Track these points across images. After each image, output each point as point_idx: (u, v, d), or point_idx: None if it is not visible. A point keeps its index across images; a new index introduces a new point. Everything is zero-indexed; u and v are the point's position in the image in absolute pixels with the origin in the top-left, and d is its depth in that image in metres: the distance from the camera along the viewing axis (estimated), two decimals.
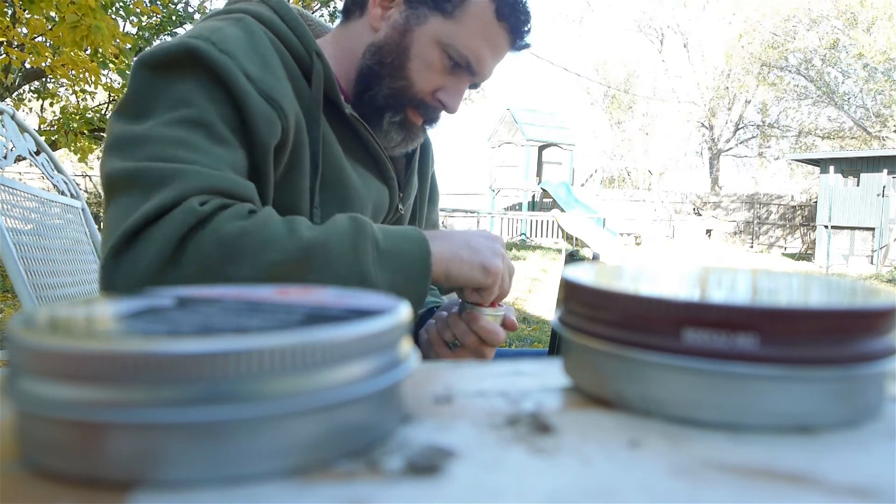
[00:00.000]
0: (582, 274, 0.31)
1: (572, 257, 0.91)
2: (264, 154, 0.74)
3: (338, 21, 0.96)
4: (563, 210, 13.95)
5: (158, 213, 0.61)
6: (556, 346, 0.87)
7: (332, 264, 0.63)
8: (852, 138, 22.90)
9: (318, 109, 0.80)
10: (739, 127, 26.98)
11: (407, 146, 0.94)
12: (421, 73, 0.87)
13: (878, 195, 12.79)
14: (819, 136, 24.16)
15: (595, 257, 1.03)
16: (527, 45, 0.92)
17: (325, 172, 0.82)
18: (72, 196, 1.53)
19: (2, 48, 5.00)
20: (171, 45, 0.71)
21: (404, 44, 0.86)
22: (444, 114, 0.93)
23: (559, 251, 11.58)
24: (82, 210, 1.55)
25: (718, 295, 0.28)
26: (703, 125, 26.92)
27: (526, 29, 0.89)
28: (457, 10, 0.84)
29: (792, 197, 18.94)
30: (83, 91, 6.53)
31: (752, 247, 17.65)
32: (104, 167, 0.68)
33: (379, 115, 0.89)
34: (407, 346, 0.25)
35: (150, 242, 0.61)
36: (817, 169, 15.35)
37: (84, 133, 6.99)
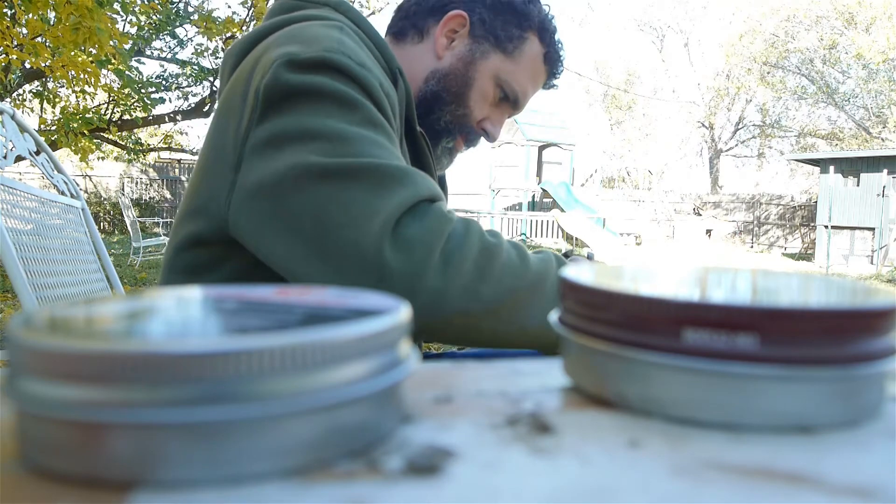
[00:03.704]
0: (582, 274, 0.31)
1: (567, 257, 0.91)
2: None
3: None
4: (563, 210, 13.95)
5: (406, 211, 0.62)
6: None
7: (548, 295, 0.68)
8: (853, 138, 22.89)
9: (401, 126, 0.83)
10: (739, 127, 26.99)
11: (446, 169, 1.02)
12: (477, 103, 0.94)
13: (878, 195, 12.78)
14: (819, 137, 24.15)
15: (590, 257, 1.03)
16: (554, 86, 1.01)
17: None
18: (72, 196, 1.53)
19: (1, 48, 5.00)
20: (311, 56, 0.69)
21: (469, 75, 0.92)
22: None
23: (559, 251, 11.56)
24: (82, 210, 1.55)
25: (718, 295, 0.28)
26: (702, 125, 26.92)
27: (559, 72, 0.98)
28: (516, 51, 0.93)
29: (792, 197, 18.94)
30: (83, 92, 6.55)
31: (752, 247, 17.65)
32: (289, 159, 0.64)
33: (436, 139, 0.94)
34: (407, 346, 0.25)
35: (427, 231, 0.62)
36: (817, 169, 15.34)
37: (84, 133, 7.00)
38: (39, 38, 4.89)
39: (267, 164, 0.66)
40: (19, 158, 1.34)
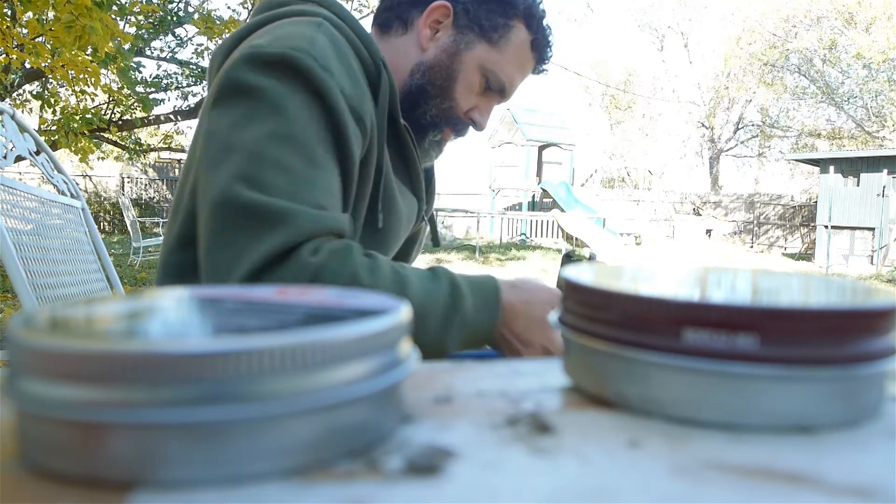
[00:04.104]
0: (582, 274, 0.31)
1: (569, 258, 0.91)
2: (354, 171, 0.76)
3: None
4: (563, 210, 13.94)
5: (270, 260, 0.65)
6: None
7: (426, 333, 0.68)
8: (852, 138, 22.89)
9: (384, 119, 0.83)
10: (739, 127, 26.98)
11: (435, 160, 1.00)
12: (463, 94, 0.92)
13: (878, 195, 12.78)
14: (819, 137, 24.15)
15: (592, 257, 1.02)
16: (545, 71, 0.99)
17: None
18: (72, 196, 1.53)
19: (1, 49, 5.00)
20: (275, 52, 0.71)
21: (453, 67, 0.90)
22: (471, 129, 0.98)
23: (559, 251, 11.57)
24: (82, 210, 1.55)
25: (718, 295, 0.28)
26: (702, 125, 26.92)
27: (549, 57, 0.96)
28: (501, 40, 0.90)
29: (792, 197, 18.93)
30: (83, 92, 6.54)
31: (751, 247, 17.65)
32: (215, 177, 0.68)
33: (423, 133, 0.93)
34: (407, 346, 0.25)
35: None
36: (817, 169, 15.34)
37: (84, 133, 6.99)
38: (39, 39, 4.89)
39: (203, 172, 0.71)
40: (19, 158, 1.34)
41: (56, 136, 6.74)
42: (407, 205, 0.92)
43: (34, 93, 7.75)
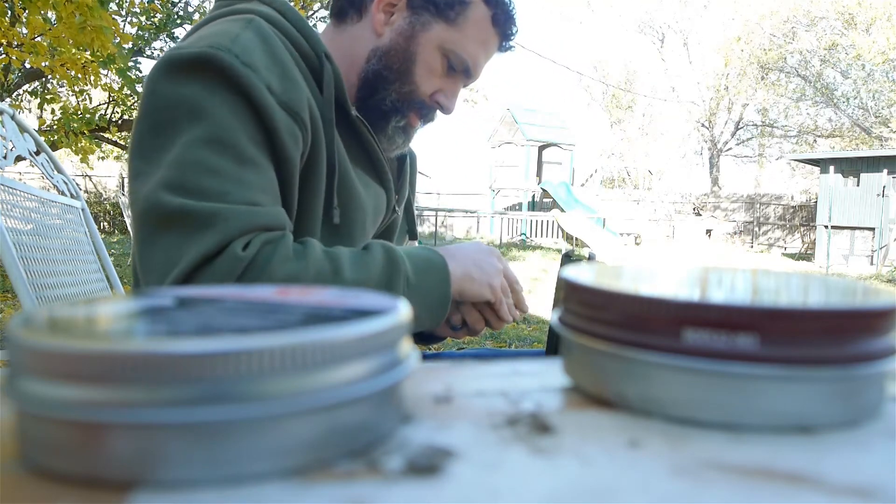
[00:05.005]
0: (582, 274, 0.31)
1: (568, 258, 0.91)
2: (292, 167, 0.75)
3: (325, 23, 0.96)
4: (563, 210, 13.95)
5: (203, 261, 0.64)
6: (553, 346, 0.87)
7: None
8: (852, 136, 22.88)
9: (330, 111, 0.81)
10: (739, 127, 26.98)
11: (405, 148, 0.97)
12: (424, 77, 0.89)
13: (878, 195, 12.77)
14: (820, 136, 24.15)
15: (591, 257, 1.02)
16: (512, 48, 0.96)
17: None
18: (72, 196, 1.53)
19: (1, 48, 5.00)
20: (192, 53, 0.70)
21: (411, 49, 0.87)
22: (439, 114, 0.95)
23: (559, 251, 11.56)
24: (82, 210, 1.55)
25: (718, 295, 0.28)
26: (702, 125, 26.92)
27: (513, 32, 0.92)
28: (459, 18, 0.87)
29: (792, 197, 18.94)
30: (82, 92, 6.53)
31: (751, 247, 17.64)
32: (139, 188, 0.69)
33: (384, 119, 0.90)
34: (407, 346, 0.25)
35: (215, 282, 0.63)
36: (817, 169, 15.34)
37: (84, 133, 6.99)
38: (39, 38, 4.89)
39: (131, 180, 0.72)
40: (19, 158, 1.34)
41: (56, 136, 6.74)
42: (372, 197, 0.90)
43: (32, 91, 7.74)
